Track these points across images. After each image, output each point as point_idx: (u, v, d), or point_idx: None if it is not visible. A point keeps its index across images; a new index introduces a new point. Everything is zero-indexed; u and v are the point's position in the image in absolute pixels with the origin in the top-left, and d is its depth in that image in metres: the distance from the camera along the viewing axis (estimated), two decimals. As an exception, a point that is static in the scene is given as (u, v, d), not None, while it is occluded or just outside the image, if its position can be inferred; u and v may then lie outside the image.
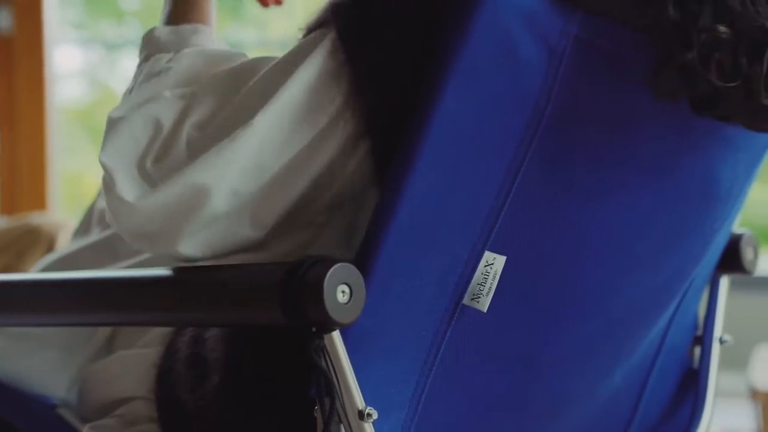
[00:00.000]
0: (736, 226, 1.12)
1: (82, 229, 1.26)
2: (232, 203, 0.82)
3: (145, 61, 0.93)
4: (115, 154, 0.85)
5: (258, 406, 0.87)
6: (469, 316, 0.86)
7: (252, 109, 0.82)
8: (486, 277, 0.84)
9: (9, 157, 3.49)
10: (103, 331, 1.10)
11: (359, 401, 0.79)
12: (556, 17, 0.82)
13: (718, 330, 1.13)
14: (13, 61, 3.47)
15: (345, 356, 0.79)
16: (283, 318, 0.77)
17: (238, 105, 0.84)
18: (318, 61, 0.82)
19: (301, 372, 0.80)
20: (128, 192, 0.83)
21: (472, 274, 0.84)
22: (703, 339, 1.13)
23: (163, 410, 0.97)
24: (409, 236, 0.81)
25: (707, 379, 1.11)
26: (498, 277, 0.85)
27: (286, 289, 0.76)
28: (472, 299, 0.85)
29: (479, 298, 0.84)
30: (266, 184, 0.83)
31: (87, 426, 1.01)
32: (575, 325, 0.94)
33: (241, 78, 0.86)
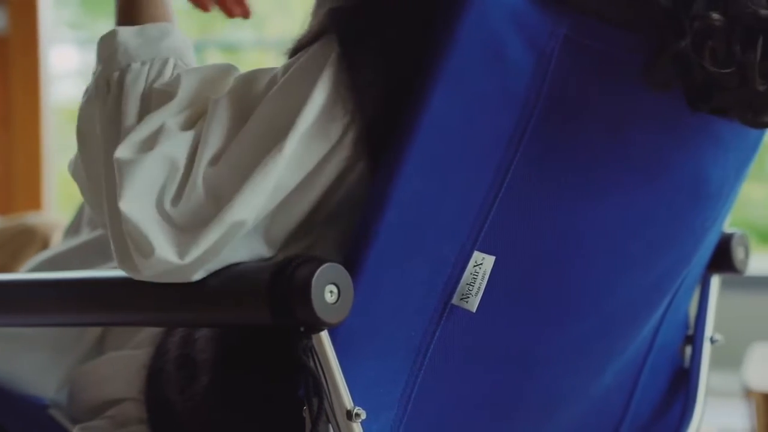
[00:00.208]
0: (729, 225, 1.12)
1: (72, 230, 1.26)
2: (253, 225, 0.80)
3: (116, 70, 0.89)
4: (134, 201, 0.80)
5: (247, 406, 0.87)
6: (459, 316, 0.86)
7: (270, 137, 0.80)
8: (475, 277, 0.84)
9: (4, 157, 3.49)
10: (93, 332, 1.10)
11: (347, 401, 0.79)
12: (544, 18, 0.82)
13: (709, 329, 1.13)
14: (9, 61, 3.47)
15: (333, 356, 0.79)
16: (270, 318, 0.77)
17: (254, 134, 0.81)
18: (330, 77, 0.80)
19: (291, 372, 0.80)
20: (168, 251, 0.79)
21: (461, 275, 0.84)
22: (694, 338, 1.13)
23: (152, 411, 0.96)
24: (398, 236, 0.81)
25: (698, 379, 1.11)
26: (487, 277, 0.85)
27: (273, 289, 0.76)
28: (461, 299, 0.85)
29: (468, 298, 0.84)
30: (282, 202, 0.81)
31: (77, 427, 1.01)
32: (568, 325, 0.94)
33: (244, 102, 0.84)
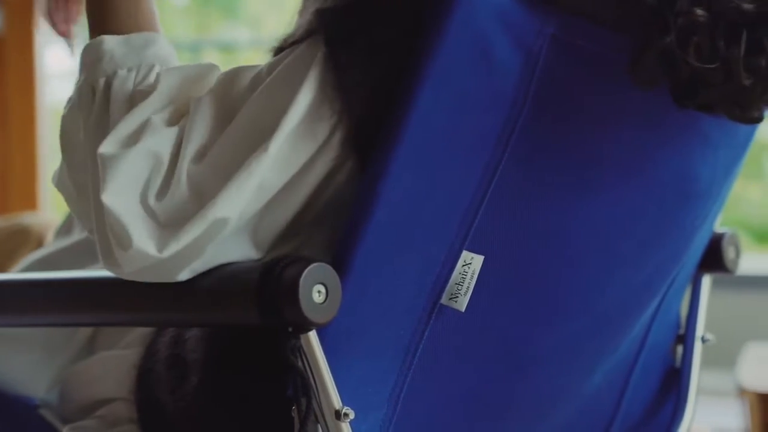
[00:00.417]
0: (725, 224, 1.12)
1: (64, 230, 1.26)
2: (238, 224, 0.81)
3: (101, 77, 0.88)
4: (118, 194, 0.81)
5: (237, 406, 0.87)
6: (448, 316, 0.86)
7: (255, 137, 0.80)
8: (464, 276, 0.84)
9: (0, 157, 3.48)
10: (84, 332, 1.10)
11: (336, 401, 0.79)
12: (532, 17, 0.82)
13: (701, 329, 1.13)
14: (4, 61, 3.46)
15: (321, 356, 0.79)
16: (259, 318, 0.77)
17: (238, 133, 0.81)
18: (317, 77, 0.80)
19: (281, 372, 0.80)
20: (147, 243, 0.79)
21: (449, 274, 0.84)
22: (686, 338, 1.13)
23: (142, 411, 0.96)
24: (386, 236, 0.81)
25: (689, 378, 1.12)
26: (476, 276, 0.85)
27: (261, 289, 0.76)
28: (450, 299, 0.85)
29: (457, 297, 0.84)
30: (269, 203, 0.81)
31: (67, 427, 1.01)
32: (558, 324, 0.95)
33: (228, 99, 0.84)
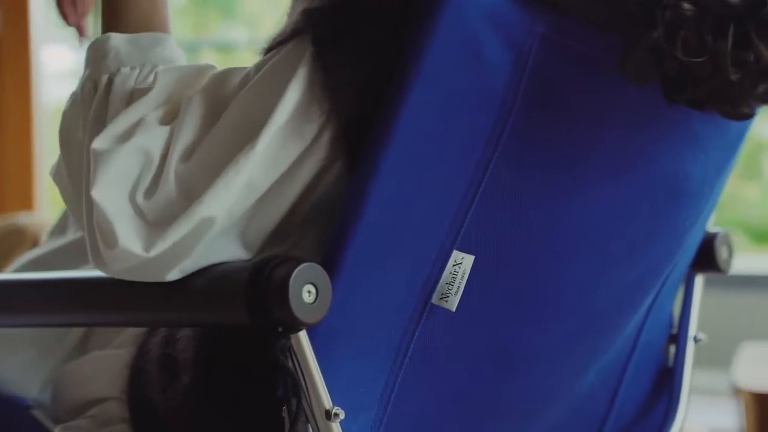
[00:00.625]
0: (723, 224, 1.12)
1: (58, 230, 1.26)
2: (226, 223, 0.80)
3: (105, 73, 0.89)
4: (107, 190, 0.81)
5: (228, 406, 0.87)
6: (438, 316, 0.86)
7: (242, 135, 0.80)
8: (454, 276, 0.84)
9: (-4, 157, 3.48)
10: (76, 332, 1.10)
11: (326, 401, 0.79)
12: (522, 16, 0.82)
13: (693, 329, 1.14)
14: (0, 61, 3.46)
15: (312, 356, 0.79)
16: (248, 318, 0.77)
17: (225, 131, 0.81)
18: (305, 77, 0.80)
19: (272, 372, 0.80)
20: (133, 242, 0.79)
21: (440, 274, 0.84)
22: (678, 337, 1.13)
23: (134, 411, 0.96)
24: (377, 236, 0.81)
25: (682, 378, 1.12)
26: (467, 276, 0.85)
27: (251, 290, 0.76)
28: (441, 299, 0.85)
29: (448, 297, 0.84)
30: (258, 203, 0.81)
31: (59, 427, 1.01)
32: (549, 324, 0.95)
33: (217, 99, 0.84)
